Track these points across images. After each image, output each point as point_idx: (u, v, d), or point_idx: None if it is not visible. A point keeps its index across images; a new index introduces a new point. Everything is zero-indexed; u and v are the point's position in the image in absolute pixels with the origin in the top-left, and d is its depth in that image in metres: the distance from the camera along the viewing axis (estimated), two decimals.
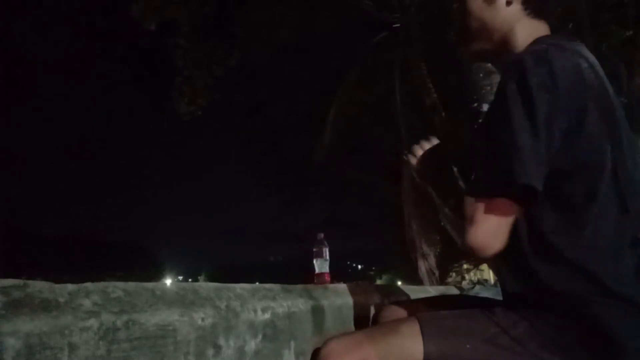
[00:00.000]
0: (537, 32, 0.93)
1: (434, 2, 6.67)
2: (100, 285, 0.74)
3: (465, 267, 10.04)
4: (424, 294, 2.33)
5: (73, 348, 0.62)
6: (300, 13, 7.69)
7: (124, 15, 6.66)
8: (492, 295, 1.24)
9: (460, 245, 0.85)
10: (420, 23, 7.25)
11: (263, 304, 1.09)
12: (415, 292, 2.29)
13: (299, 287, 1.40)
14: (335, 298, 1.51)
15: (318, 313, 1.34)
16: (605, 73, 0.87)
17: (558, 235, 0.80)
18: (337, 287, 1.64)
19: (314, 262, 1.83)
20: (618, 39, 5.86)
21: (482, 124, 0.94)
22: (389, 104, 8.06)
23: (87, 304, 0.68)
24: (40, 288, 0.65)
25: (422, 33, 7.20)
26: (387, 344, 0.89)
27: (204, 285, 1.00)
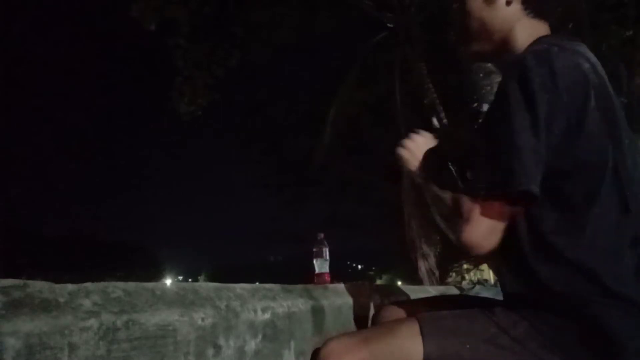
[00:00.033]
0: (537, 32, 0.93)
1: (434, 2, 6.67)
2: (100, 285, 0.74)
3: (465, 267, 10.04)
4: (424, 294, 2.33)
5: (73, 348, 0.62)
6: (300, 13, 7.70)
7: (124, 15, 6.66)
8: (492, 295, 1.24)
9: (455, 242, 0.86)
10: (420, 23, 7.25)
11: (263, 304, 1.09)
12: (415, 292, 2.29)
13: (299, 287, 1.40)
14: (335, 298, 1.51)
15: (318, 313, 1.34)
16: (605, 73, 0.87)
17: (558, 235, 0.80)
18: (337, 287, 1.64)
19: (314, 262, 1.83)
20: (618, 39, 5.86)
21: (482, 124, 0.93)
22: (389, 104, 8.06)
23: (87, 304, 0.68)
24: (40, 288, 0.65)
25: (422, 33, 7.20)
26: (387, 344, 0.89)
27: (204, 285, 1.00)
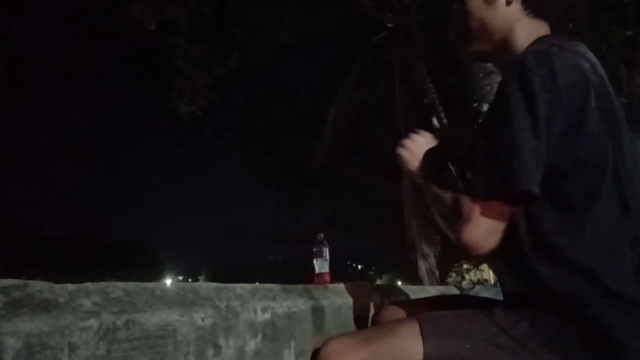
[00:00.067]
0: (537, 32, 0.93)
1: (434, 2, 6.67)
2: (100, 285, 0.74)
3: (465, 267, 10.04)
4: (424, 294, 2.33)
5: (73, 348, 0.62)
6: (300, 13, 7.70)
7: (124, 15, 6.66)
8: (492, 295, 1.24)
9: (455, 242, 0.86)
10: (420, 23, 7.25)
11: (263, 304, 1.09)
12: (415, 292, 2.29)
13: (299, 287, 1.40)
14: (335, 298, 1.51)
15: (318, 313, 1.34)
16: (605, 73, 0.87)
17: (558, 235, 0.80)
18: (337, 287, 1.64)
19: (314, 262, 1.83)
20: (618, 39, 5.86)
21: (482, 124, 0.93)
22: (389, 104, 8.06)
23: (87, 304, 0.68)
24: (40, 288, 0.65)
25: (422, 33, 7.20)
26: (386, 344, 0.89)
27: (204, 285, 1.00)
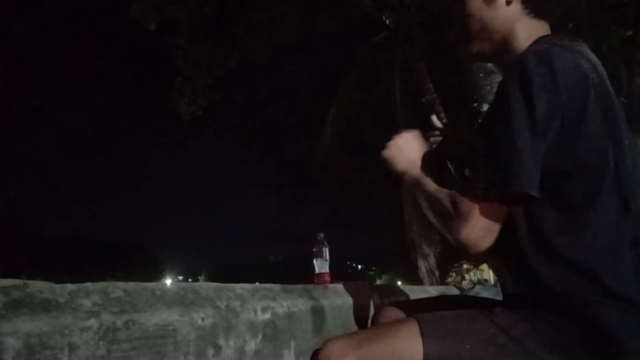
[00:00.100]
0: (537, 32, 0.93)
1: (434, 2, 6.67)
2: (100, 285, 0.74)
3: (465, 267, 10.05)
4: (424, 294, 2.33)
5: (73, 348, 0.62)
6: (300, 13, 7.70)
7: (124, 15, 6.66)
8: (492, 295, 1.24)
9: (452, 240, 0.86)
10: (420, 23, 7.25)
11: (263, 304, 1.09)
12: (415, 292, 2.29)
13: (299, 287, 1.40)
14: (335, 298, 1.51)
15: (318, 313, 1.34)
16: (606, 73, 0.87)
17: (558, 235, 0.80)
18: (337, 287, 1.64)
19: (314, 262, 1.83)
20: (618, 39, 5.86)
21: (482, 124, 0.93)
22: (389, 104, 8.06)
23: (87, 304, 0.68)
24: (40, 288, 0.65)
25: (422, 33, 7.20)
26: (386, 345, 0.89)
27: (204, 285, 1.00)
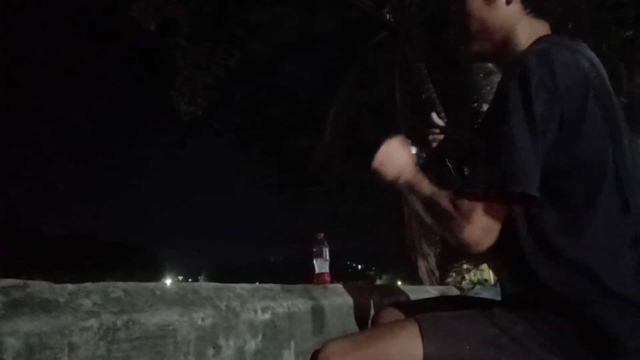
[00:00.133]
0: (537, 32, 0.92)
1: (434, 2, 6.66)
2: (100, 285, 0.74)
3: (465, 267, 10.02)
4: (424, 294, 2.33)
5: (73, 348, 0.62)
6: (300, 13, 7.70)
7: (124, 15, 6.66)
8: (491, 296, 1.24)
9: (452, 241, 0.86)
10: (420, 23, 7.25)
11: (263, 304, 1.09)
12: (415, 292, 2.29)
13: (299, 287, 1.40)
14: (335, 298, 1.51)
15: (318, 313, 1.34)
16: (606, 73, 0.86)
17: (558, 235, 0.80)
18: (337, 287, 1.64)
19: (314, 262, 1.83)
20: (618, 39, 5.85)
21: (481, 124, 0.93)
22: (389, 104, 8.06)
23: (87, 304, 0.68)
24: (40, 288, 0.65)
25: (422, 33, 7.20)
26: (386, 346, 0.89)
27: (204, 285, 1.00)
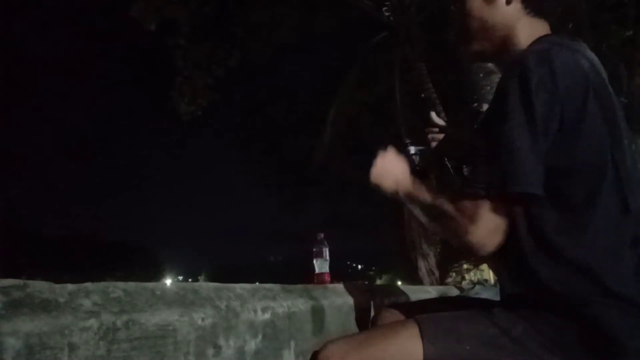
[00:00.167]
0: (537, 31, 0.92)
1: (434, 2, 6.66)
2: (100, 285, 0.74)
3: (465, 267, 10.02)
4: (424, 294, 2.33)
5: (73, 348, 0.62)
6: (300, 13, 7.69)
7: (124, 15, 6.66)
8: (491, 296, 1.24)
9: (459, 244, 0.85)
10: (420, 23, 7.25)
11: (263, 304, 1.09)
12: (415, 292, 2.29)
13: (299, 287, 1.40)
14: (335, 298, 1.51)
15: (318, 313, 1.34)
16: (606, 73, 0.86)
17: (558, 235, 0.80)
18: (337, 287, 1.64)
19: (314, 262, 1.83)
20: (618, 39, 5.85)
21: (481, 123, 0.93)
22: (389, 104, 8.06)
23: (87, 304, 0.68)
24: (40, 288, 0.65)
25: (422, 33, 7.20)
26: (386, 346, 0.89)
27: (204, 285, 1.00)
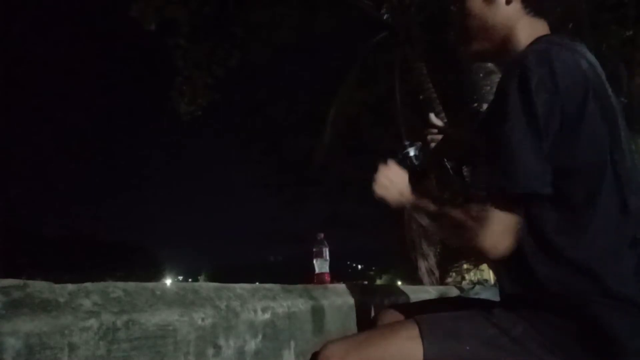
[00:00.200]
0: (537, 31, 0.92)
1: (434, 2, 6.66)
2: (100, 285, 0.74)
3: (465, 267, 10.03)
4: (424, 294, 2.33)
5: (73, 348, 0.62)
6: (300, 13, 7.70)
7: (124, 15, 6.66)
8: (491, 296, 1.24)
9: (472, 251, 0.83)
10: (420, 23, 7.25)
11: (263, 304, 1.08)
12: (415, 292, 2.29)
13: (299, 287, 1.40)
14: (335, 298, 1.51)
15: (318, 313, 1.34)
16: (605, 73, 0.86)
17: (558, 235, 0.80)
18: (337, 287, 1.64)
19: (314, 262, 1.83)
20: (618, 39, 5.85)
21: (481, 123, 0.93)
22: (389, 104, 8.06)
23: (87, 304, 0.68)
24: (40, 288, 0.65)
25: (422, 33, 7.20)
26: (386, 347, 0.89)
27: (204, 285, 1.00)
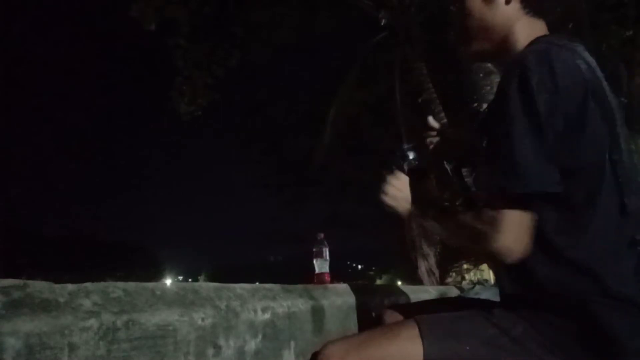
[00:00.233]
0: (536, 31, 0.92)
1: (434, 2, 6.66)
2: (100, 285, 0.74)
3: (465, 267, 10.03)
4: (424, 294, 2.33)
5: (73, 348, 0.62)
6: (300, 13, 7.70)
7: (124, 15, 6.66)
8: (491, 296, 1.24)
9: (488, 256, 0.82)
10: (420, 23, 7.25)
11: (263, 304, 1.09)
12: (415, 292, 2.29)
13: (299, 287, 1.40)
14: (335, 298, 1.51)
15: (318, 313, 1.34)
16: (605, 73, 0.86)
17: (558, 235, 0.80)
18: (337, 287, 1.64)
19: (314, 262, 1.83)
20: (618, 39, 5.85)
21: (482, 123, 0.93)
22: (389, 104, 8.07)
23: (87, 304, 0.68)
24: (40, 288, 0.65)
25: (422, 33, 7.20)
26: (386, 347, 0.89)
27: (204, 285, 1.00)
